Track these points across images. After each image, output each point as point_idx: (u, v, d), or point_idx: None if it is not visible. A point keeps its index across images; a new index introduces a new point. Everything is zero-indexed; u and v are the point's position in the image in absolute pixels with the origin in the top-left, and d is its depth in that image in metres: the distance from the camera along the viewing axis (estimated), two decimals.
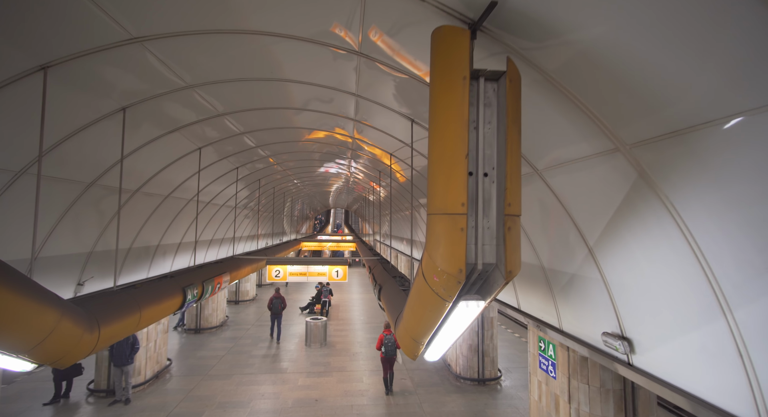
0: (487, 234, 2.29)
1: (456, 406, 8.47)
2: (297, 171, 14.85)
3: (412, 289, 2.98)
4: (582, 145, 3.15)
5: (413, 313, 3.15)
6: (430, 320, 2.91)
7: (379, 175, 10.87)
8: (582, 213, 3.77)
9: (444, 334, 3.17)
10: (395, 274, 8.27)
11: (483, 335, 9.87)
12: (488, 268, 2.34)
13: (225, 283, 7.89)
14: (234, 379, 9.78)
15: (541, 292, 5.40)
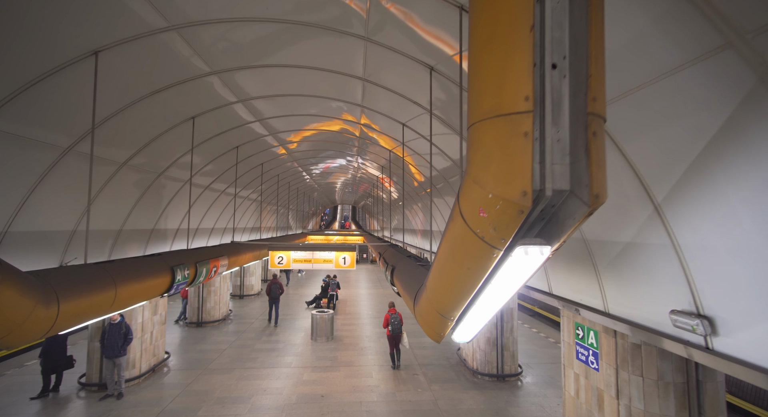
0: (557, 149, 1.55)
1: (474, 404, 7.75)
2: (302, 159, 14.23)
3: (443, 241, 2.26)
4: (665, 54, 2.40)
5: (442, 278, 2.44)
6: (467, 283, 2.20)
7: (389, 158, 10.16)
8: (650, 160, 3.02)
9: (483, 304, 2.46)
10: (408, 254, 7.56)
11: (502, 328, 9.13)
12: (557, 199, 1.63)
13: (222, 267, 7.25)
14: (235, 374, 9.15)
15: (581, 271, 4.66)
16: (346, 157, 17.62)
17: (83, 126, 5.03)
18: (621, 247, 3.81)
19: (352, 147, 14.66)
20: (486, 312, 2.57)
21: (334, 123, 9.14)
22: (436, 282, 2.61)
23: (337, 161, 18.97)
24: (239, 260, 8.59)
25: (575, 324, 5.05)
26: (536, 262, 1.86)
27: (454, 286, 2.35)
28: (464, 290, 2.30)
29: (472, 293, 2.30)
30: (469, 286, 2.24)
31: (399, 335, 9.57)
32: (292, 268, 8.65)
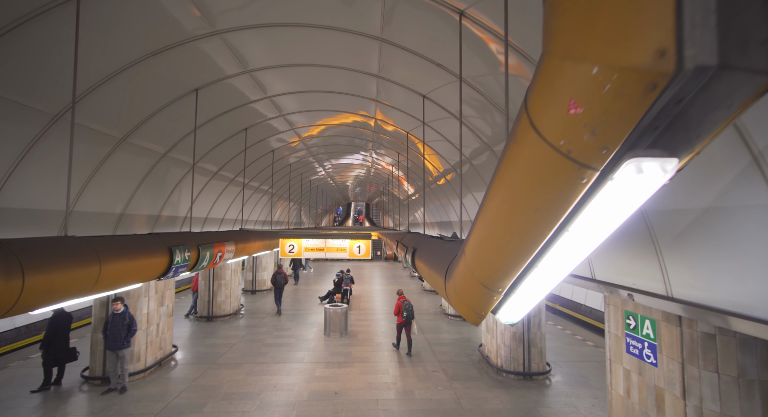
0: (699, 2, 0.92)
1: (501, 404, 7.10)
2: (315, 146, 13.73)
3: (495, 181, 1.66)
4: None
5: (492, 235, 1.84)
6: (530, 234, 1.59)
7: (407, 142, 9.56)
8: None
9: (550, 264, 1.84)
10: (431, 236, 6.94)
11: (529, 322, 8.45)
12: (691, 86, 1.01)
13: (229, 253, 6.77)
14: (244, 369, 8.69)
15: (635, 249, 4.00)
16: (360, 151, 17.11)
17: (69, 92, 4.59)
18: (695, 214, 3.15)
19: (366, 142, 14.15)
20: (552, 276, 1.96)
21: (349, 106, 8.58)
22: (481, 242, 2.01)
23: (351, 156, 18.50)
24: (248, 248, 8.11)
25: (625, 313, 4.38)
26: (651, 185, 1.25)
27: (509, 241, 1.75)
28: (524, 246, 1.70)
29: (535, 248, 1.70)
30: (533, 239, 1.63)
31: (410, 322, 9.65)
32: (303, 258, 8.12)
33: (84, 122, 5.12)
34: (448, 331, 11.98)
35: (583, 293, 17.84)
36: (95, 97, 4.97)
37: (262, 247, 9.12)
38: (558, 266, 1.84)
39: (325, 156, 16.54)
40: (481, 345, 10.00)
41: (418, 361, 9.27)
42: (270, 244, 9.84)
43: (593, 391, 7.64)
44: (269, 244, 9.73)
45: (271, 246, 9.92)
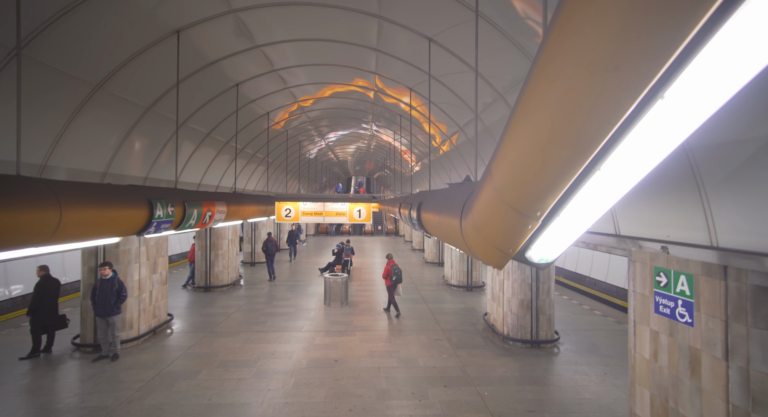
0: None
1: (508, 371, 6.81)
2: (315, 114, 13.11)
3: (545, 48, 1.14)
4: None
5: (537, 129, 1.33)
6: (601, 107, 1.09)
7: (410, 97, 8.93)
8: None
9: (625, 157, 1.32)
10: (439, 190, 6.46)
11: (538, 289, 8.07)
12: None
13: (219, 214, 6.31)
14: (241, 337, 8.41)
15: (671, 196, 3.51)
16: (360, 123, 16.42)
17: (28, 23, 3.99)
18: (758, 145, 2.64)
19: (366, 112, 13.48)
20: (608, 194, 1.46)
21: (348, 58, 7.91)
22: (518, 148, 1.50)
23: (351, 127, 17.80)
24: (241, 211, 7.65)
25: (654, 270, 3.93)
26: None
27: (562, 134, 1.25)
28: (586, 135, 1.20)
29: (599, 141, 1.19)
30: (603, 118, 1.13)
31: (397, 285, 10.09)
32: (298, 224, 7.66)
33: (49, 62, 4.54)
34: (451, 301, 11.69)
35: (587, 265, 17.55)
36: (54, 34, 4.38)
37: (257, 212, 8.66)
38: (620, 177, 1.34)
39: (325, 126, 15.89)
40: (486, 314, 9.70)
41: (422, 330, 8.98)
42: (266, 210, 9.39)
43: (604, 359, 7.34)
44: (265, 209, 9.27)
45: (267, 212, 9.47)
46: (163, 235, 5.19)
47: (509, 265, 8.14)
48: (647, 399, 4.03)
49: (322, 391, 6.02)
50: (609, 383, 6.37)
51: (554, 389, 6.17)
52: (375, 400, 5.79)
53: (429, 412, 5.46)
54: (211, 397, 5.79)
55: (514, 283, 8.13)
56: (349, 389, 6.10)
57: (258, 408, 5.52)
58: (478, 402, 5.75)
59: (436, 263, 18.34)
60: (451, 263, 13.58)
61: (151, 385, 6.16)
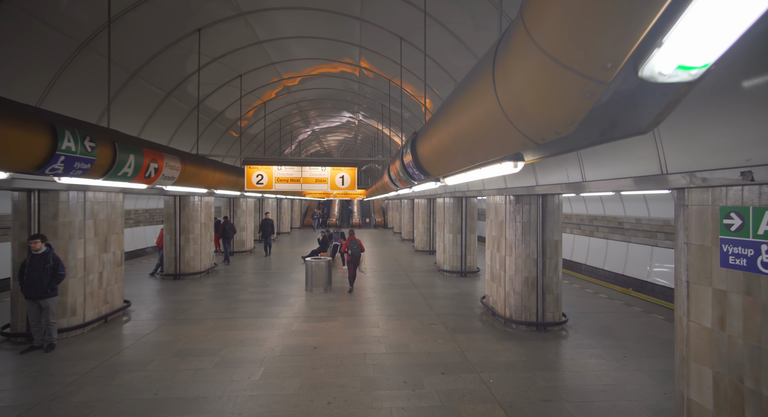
0: None
1: (514, 356, 5.89)
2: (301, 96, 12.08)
3: None
4: None
5: None
6: None
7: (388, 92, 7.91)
8: None
9: None
10: None
11: (544, 265, 7.17)
12: None
13: (170, 170, 5.20)
14: (207, 324, 7.32)
15: (746, 103, 2.61)
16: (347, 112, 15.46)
17: None
18: None
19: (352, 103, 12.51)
20: None
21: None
22: None
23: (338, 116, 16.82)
24: (202, 176, 6.54)
25: (721, 211, 3.02)
26: None
27: None
28: None
29: None
30: None
31: (358, 259, 10.12)
32: (274, 190, 6.61)
33: None
34: (443, 286, 10.76)
35: (583, 253, 16.82)
36: None
37: (224, 182, 7.54)
38: None
39: (312, 109, 14.85)
40: (484, 297, 8.78)
41: (413, 315, 8.02)
42: (236, 182, 8.26)
43: (620, 342, 6.48)
44: (235, 181, 8.14)
45: (238, 184, 8.35)
46: (86, 183, 4.04)
47: (513, 236, 7.23)
48: (708, 379, 3.12)
49: (295, 382, 5.00)
50: (631, 367, 5.50)
51: (570, 375, 5.26)
52: (359, 390, 4.80)
53: (425, 403, 4.49)
54: (159, 391, 4.72)
55: (518, 258, 7.21)
56: (328, 379, 5.09)
57: (214, 402, 4.47)
58: (483, 390, 4.81)
59: (426, 251, 17.42)
60: (444, 248, 12.66)
61: (87, 378, 5.05)
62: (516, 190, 6.84)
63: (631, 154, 3.80)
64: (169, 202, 11.57)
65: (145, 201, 18.07)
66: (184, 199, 11.59)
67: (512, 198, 7.29)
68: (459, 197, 12.35)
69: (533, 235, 7.16)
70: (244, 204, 17.36)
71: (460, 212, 12.40)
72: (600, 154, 4.29)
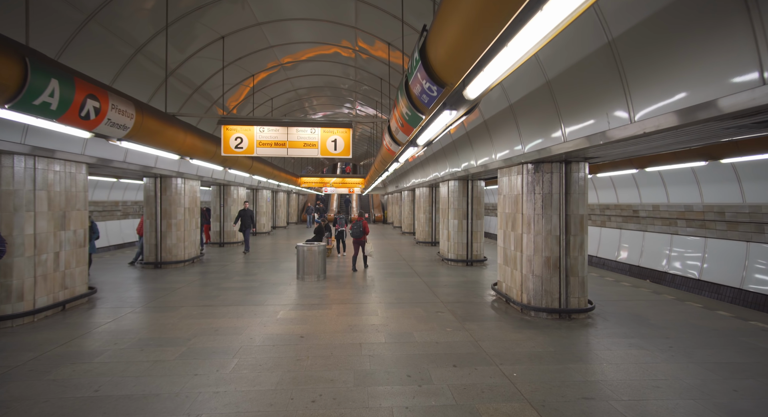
0: None
1: (538, 346, 4.94)
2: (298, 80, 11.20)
3: None
4: None
5: None
6: None
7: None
8: None
9: None
10: None
11: (568, 243, 6.23)
12: None
13: (119, 117, 4.24)
14: (180, 312, 6.37)
15: None
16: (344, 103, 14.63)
17: None
18: None
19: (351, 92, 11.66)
20: None
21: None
22: None
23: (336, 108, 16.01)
24: (167, 135, 5.57)
25: None
26: None
27: None
28: None
29: None
30: None
31: (361, 239, 10.16)
32: (256, 155, 5.64)
33: None
34: (448, 275, 9.81)
35: (594, 244, 15.87)
36: None
37: (200, 150, 6.55)
38: None
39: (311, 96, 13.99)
40: (495, 284, 7.83)
41: (416, 302, 7.07)
42: (215, 152, 7.29)
43: (660, 331, 5.53)
44: (214, 151, 7.15)
45: (217, 156, 7.38)
46: None
47: (531, 210, 6.29)
48: None
49: (274, 376, 4.05)
50: (682, 359, 4.55)
51: (610, 368, 4.31)
52: (353, 385, 3.85)
53: (435, 402, 3.54)
54: (101, 387, 3.77)
55: (537, 236, 6.27)
56: (315, 372, 4.14)
57: (167, 401, 3.52)
58: (506, 386, 3.86)
59: (428, 243, 16.47)
60: (448, 235, 11.70)
61: (17, 372, 4.10)
62: (530, 155, 5.86)
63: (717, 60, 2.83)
64: (150, 185, 10.62)
65: (134, 193, 17.15)
66: (166, 180, 10.64)
67: (530, 167, 6.34)
68: (464, 179, 11.40)
69: (555, 209, 6.21)
70: (235, 193, 16.40)
71: (465, 196, 11.44)
72: (656, 73, 3.31)
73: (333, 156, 6.05)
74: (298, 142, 6.02)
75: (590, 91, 4.28)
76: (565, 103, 4.82)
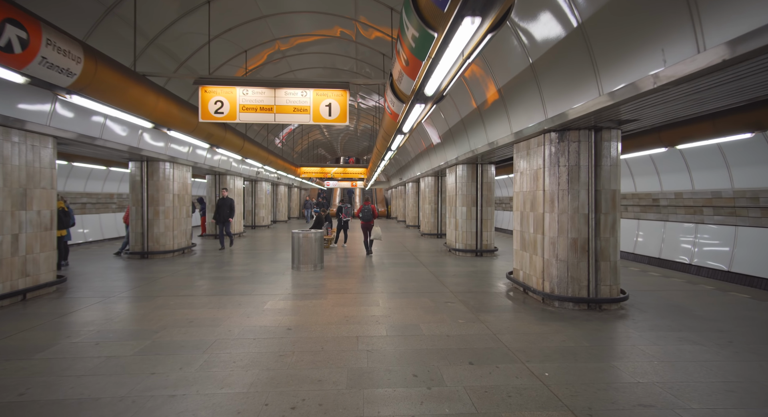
0: None
1: (569, 340, 4.13)
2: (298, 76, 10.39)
3: None
4: None
5: None
6: None
7: None
8: None
9: None
10: None
11: (598, 222, 5.40)
12: None
13: (60, 57, 3.43)
14: (154, 302, 5.62)
15: None
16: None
17: None
18: None
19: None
20: None
21: None
22: None
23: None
24: (133, 94, 4.79)
25: None
26: None
27: None
28: None
29: None
30: None
31: (369, 223, 10.64)
32: (239, 121, 4.83)
33: None
34: (457, 265, 9.00)
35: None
36: None
37: (177, 119, 5.75)
38: None
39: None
40: (511, 272, 7.02)
41: (423, 292, 6.28)
42: (196, 125, 6.50)
43: (711, 324, 4.70)
44: (195, 123, 6.37)
45: (200, 129, 6.59)
46: None
47: (555, 185, 5.47)
48: None
49: (248, 375, 3.27)
50: (749, 357, 3.73)
51: (665, 368, 3.49)
52: (344, 387, 3.06)
53: (449, 409, 2.75)
54: (30, 389, 3.01)
55: (562, 214, 5.44)
56: (299, 370, 3.36)
57: (107, 408, 2.75)
58: (538, 389, 3.06)
59: (434, 234, 15.66)
60: (456, 224, 10.88)
61: None
62: (555, 120, 5.01)
63: None
64: (135, 170, 9.90)
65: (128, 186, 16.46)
66: (153, 164, 9.90)
67: (554, 136, 5.51)
68: (473, 164, 10.57)
69: (583, 184, 5.38)
70: (231, 183, 15.65)
71: (474, 181, 10.61)
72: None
73: (327, 122, 5.25)
74: (287, 107, 5.23)
75: (640, 26, 3.45)
76: (604, 49, 3.99)
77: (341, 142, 31.96)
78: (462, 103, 8.26)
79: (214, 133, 7.14)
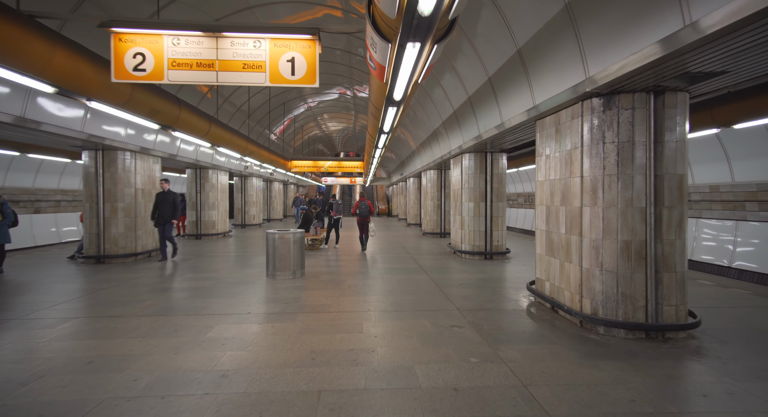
0: None
1: (635, 399, 2.71)
2: None
3: None
4: None
5: None
6: None
7: None
8: None
9: None
10: None
11: (657, 219, 3.96)
12: None
13: None
14: (63, 328, 4.23)
15: None
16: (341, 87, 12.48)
17: None
18: None
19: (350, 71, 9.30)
20: None
21: None
22: None
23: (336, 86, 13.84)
24: (34, 48, 3.41)
25: None
26: None
27: None
28: None
29: None
30: None
31: (366, 220, 10.13)
32: (167, 81, 3.38)
33: None
34: (463, 271, 7.59)
35: None
36: None
37: (91, 81, 4.32)
38: None
39: None
40: (532, 282, 5.60)
41: (421, 309, 4.87)
42: (129, 98, 5.08)
43: None
44: (119, 88, 4.92)
45: (133, 101, 5.15)
46: None
47: (599, 169, 4.03)
48: None
49: None
50: None
51: None
52: None
53: None
54: None
55: (609, 209, 4.01)
56: None
57: None
58: None
59: (437, 234, 14.24)
60: (462, 222, 9.45)
61: None
62: (602, 79, 3.56)
63: None
64: (89, 161, 8.54)
65: None
66: (110, 154, 8.54)
67: (597, 102, 4.08)
68: (482, 152, 9.13)
69: (639, 167, 3.95)
70: (214, 177, 14.29)
71: (483, 173, 9.17)
72: None
73: (289, 84, 3.85)
74: (234, 63, 3.81)
75: None
76: None
77: (342, 140, 30.59)
78: (469, 76, 6.81)
79: (160, 109, 5.65)
